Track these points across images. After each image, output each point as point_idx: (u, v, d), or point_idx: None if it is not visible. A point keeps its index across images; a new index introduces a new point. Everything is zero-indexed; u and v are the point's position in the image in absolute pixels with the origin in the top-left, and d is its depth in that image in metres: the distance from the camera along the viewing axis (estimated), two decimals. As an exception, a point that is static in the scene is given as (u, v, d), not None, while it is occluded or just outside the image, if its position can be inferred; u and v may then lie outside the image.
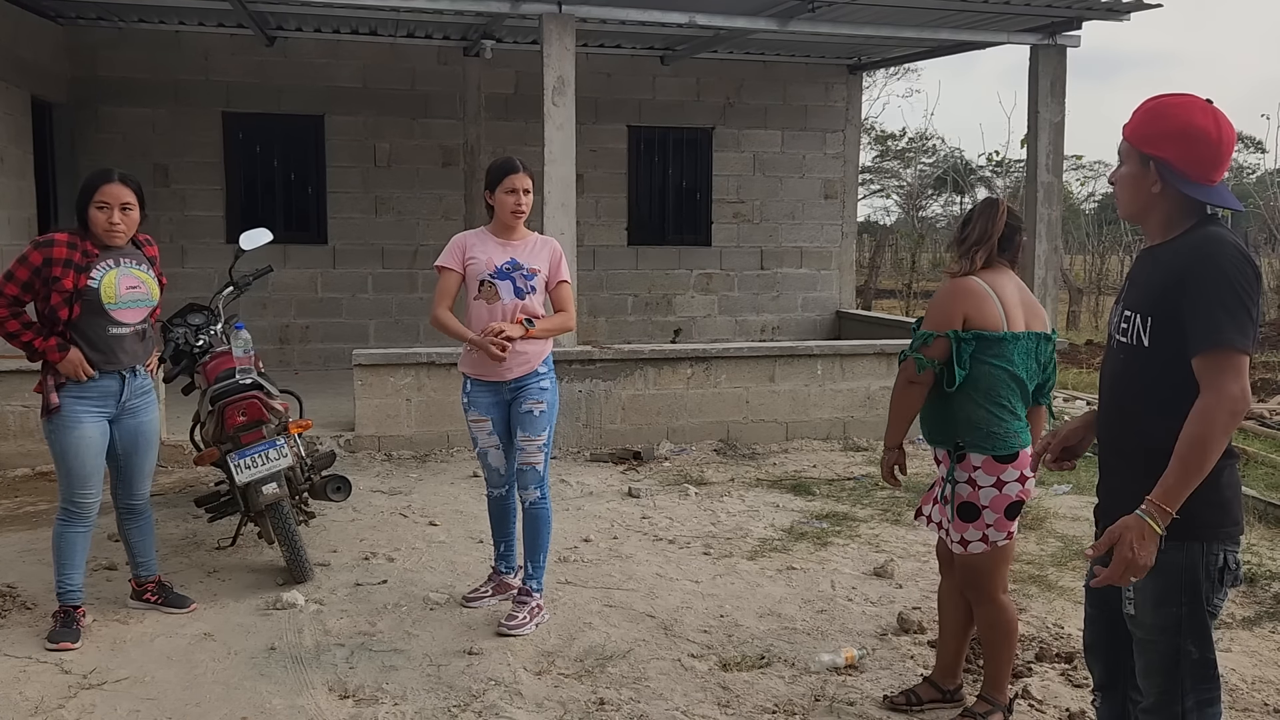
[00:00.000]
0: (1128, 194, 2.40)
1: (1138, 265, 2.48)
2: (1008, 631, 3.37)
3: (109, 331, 3.95)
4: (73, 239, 3.90)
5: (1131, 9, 8.13)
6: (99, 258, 3.92)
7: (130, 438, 4.12)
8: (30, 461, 6.69)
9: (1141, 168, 2.35)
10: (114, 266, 3.95)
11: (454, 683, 3.69)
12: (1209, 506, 2.31)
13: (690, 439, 7.67)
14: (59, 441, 3.95)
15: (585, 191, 10.31)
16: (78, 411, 3.94)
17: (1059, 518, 5.90)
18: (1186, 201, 2.33)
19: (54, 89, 9.21)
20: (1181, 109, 2.33)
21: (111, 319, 3.94)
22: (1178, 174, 2.31)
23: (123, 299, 3.95)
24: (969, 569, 3.33)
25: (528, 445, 4.21)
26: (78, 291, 3.86)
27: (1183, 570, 2.32)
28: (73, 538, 4.05)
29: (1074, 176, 23.24)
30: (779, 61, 11.16)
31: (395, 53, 10.15)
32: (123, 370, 4.03)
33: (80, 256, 3.87)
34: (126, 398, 4.07)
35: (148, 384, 4.18)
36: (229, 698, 3.56)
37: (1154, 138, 2.33)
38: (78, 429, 3.94)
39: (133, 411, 4.11)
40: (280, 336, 10.14)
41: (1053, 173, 8.60)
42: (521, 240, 4.28)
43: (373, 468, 6.86)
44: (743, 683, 3.73)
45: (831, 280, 11.80)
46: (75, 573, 4.07)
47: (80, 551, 4.08)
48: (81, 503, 4.02)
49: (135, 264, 4.03)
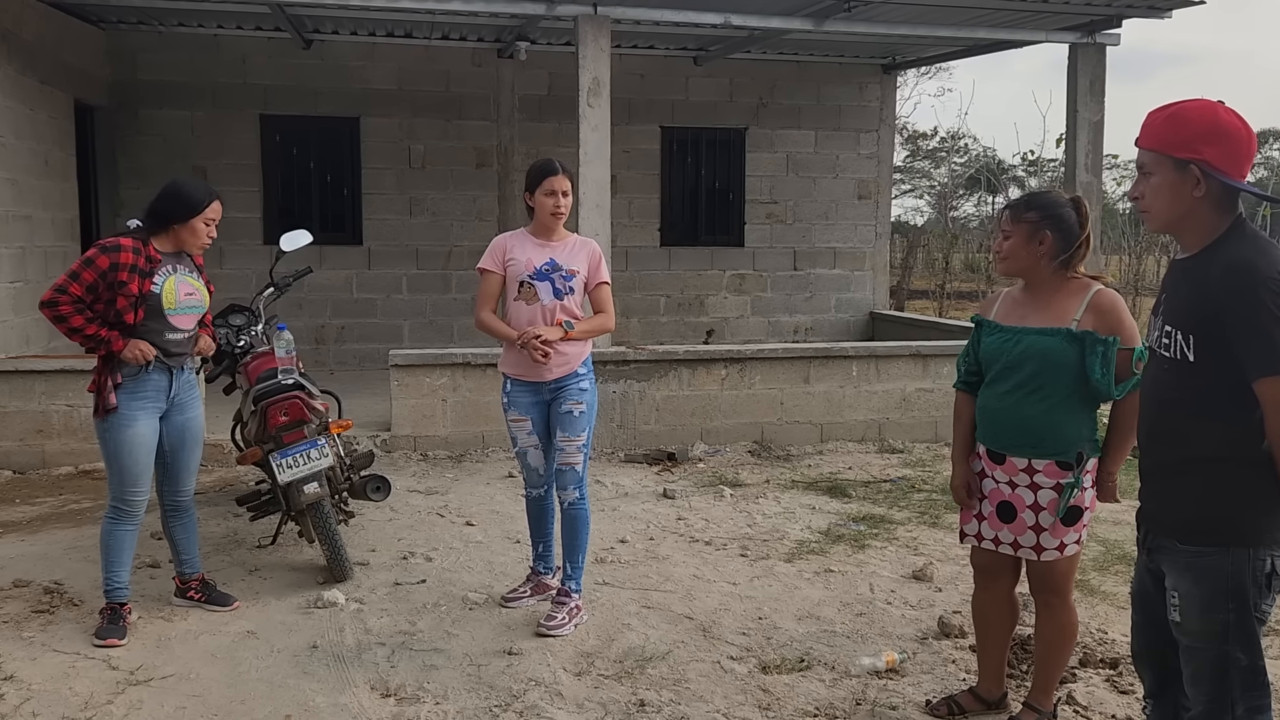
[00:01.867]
0: (1165, 203, 2.36)
1: (1172, 277, 2.45)
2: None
3: (165, 336, 4.05)
4: (136, 244, 3.99)
5: (1173, 6, 8.02)
6: (160, 264, 4.03)
7: (178, 434, 4.19)
8: (74, 460, 6.79)
9: (1179, 174, 2.32)
10: (172, 273, 4.07)
11: (494, 683, 3.70)
12: (1255, 512, 2.29)
13: (724, 440, 7.65)
14: (113, 440, 4.01)
15: (618, 192, 10.31)
16: (133, 410, 4.01)
17: (1100, 521, 5.82)
18: (1223, 204, 2.32)
19: (96, 92, 9.34)
20: (1205, 110, 2.33)
21: (169, 324, 4.05)
22: (1219, 173, 2.29)
23: (181, 305, 4.07)
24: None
25: (567, 446, 4.22)
26: (142, 296, 3.96)
27: (1229, 576, 2.30)
28: (121, 535, 4.11)
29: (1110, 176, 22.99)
30: (813, 61, 11.12)
31: (430, 55, 10.22)
32: (174, 367, 4.12)
33: (144, 262, 3.98)
34: (175, 393, 4.15)
35: (194, 380, 4.28)
36: (273, 695, 3.60)
37: (1189, 141, 2.31)
38: (132, 427, 4.01)
39: (181, 407, 4.19)
40: (316, 337, 10.23)
41: (1092, 172, 8.50)
42: (561, 241, 4.29)
43: (409, 468, 6.90)
44: (783, 685, 3.71)
45: (865, 281, 11.73)
46: (123, 570, 4.13)
47: (128, 549, 4.14)
48: (132, 500, 4.08)
49: (189, 271, 4.15)
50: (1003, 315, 3.29)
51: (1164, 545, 2.43)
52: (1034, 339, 3.14)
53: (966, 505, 3.38)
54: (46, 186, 8.07)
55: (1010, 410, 3.19)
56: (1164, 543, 2.43)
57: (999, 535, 3.28)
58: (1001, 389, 3.21)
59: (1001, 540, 3.28)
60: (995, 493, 3.27)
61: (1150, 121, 2.39)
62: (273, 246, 5.61)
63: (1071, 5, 7.87)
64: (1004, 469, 3.24)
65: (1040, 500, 3.18)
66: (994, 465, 3.27)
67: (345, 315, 10.38)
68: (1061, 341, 3.10)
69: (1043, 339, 3.13)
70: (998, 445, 3.25)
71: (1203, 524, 2.33)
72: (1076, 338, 3.08)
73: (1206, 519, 2.33)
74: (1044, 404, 3.13)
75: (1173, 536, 2.39)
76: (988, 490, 3.30)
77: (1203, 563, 2.32)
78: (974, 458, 3.36)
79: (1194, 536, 2.35)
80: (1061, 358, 3.09)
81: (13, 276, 7.39)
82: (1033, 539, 3.21)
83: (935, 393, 7.97)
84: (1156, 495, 2.45)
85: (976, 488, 3.34)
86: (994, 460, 3.27)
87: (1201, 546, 2.33)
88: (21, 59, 7.59)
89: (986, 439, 3.29)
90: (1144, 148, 2.39)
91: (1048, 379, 3.11)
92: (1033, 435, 3.16)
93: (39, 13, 7.99)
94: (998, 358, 3.23)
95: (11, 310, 7.38)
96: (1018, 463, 3.20)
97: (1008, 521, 3.25)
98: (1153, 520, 2.48)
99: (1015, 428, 3.19)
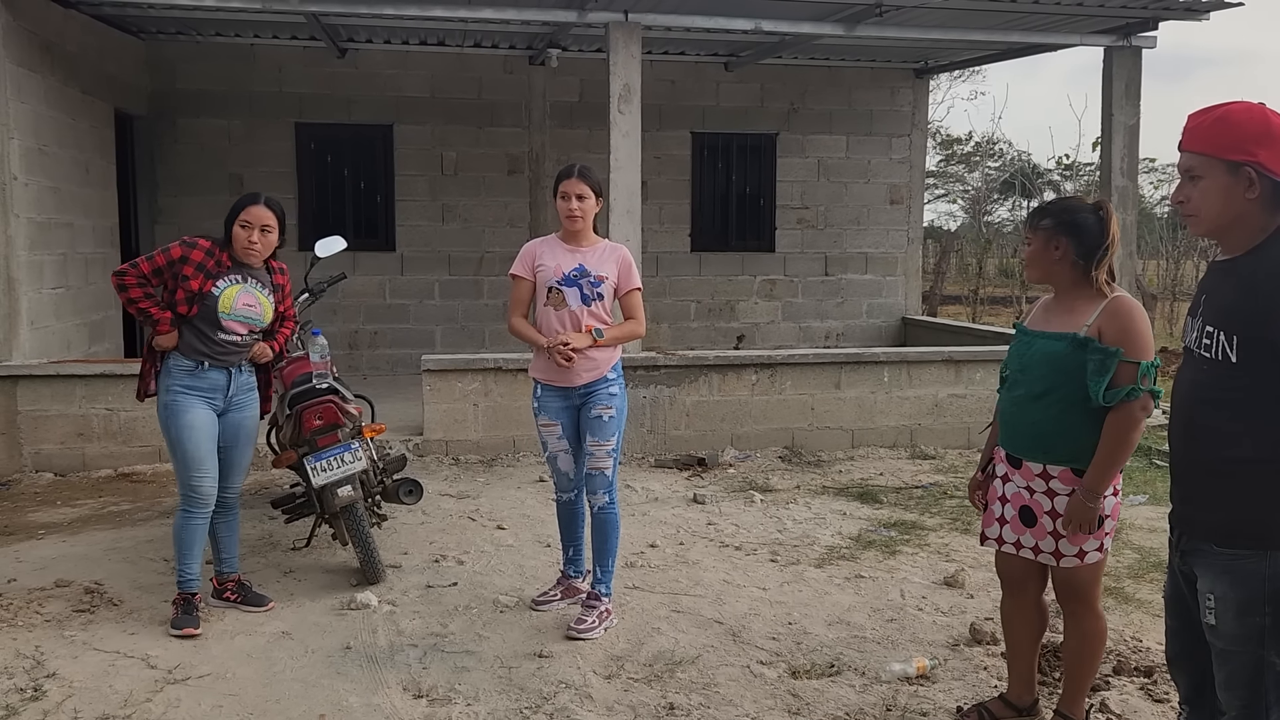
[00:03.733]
0: (1216, 206, 2.33)
1: (1214, 278, 2.42)
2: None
3: (216, 336, 4.22)
4: (213, 247, 4.23)
5: (1211, 8, 7.92)
6: (229, 270, 4.24)
7: (233, 431, 4.36)
8: (114, 463, 6.91)
9: (1231, 177, 2.30)
10: (239, 282, 4.25)
11: (525, 685, 3.73)
12: None
13: (755, 445, 7.64)
14: (173, 427, 4.20)
15: (649, 198, 10.33)
16: (190, 398, 4.21)
17: (1135, 529, 5.76)
18: (1272, 205, 2.30)
19: (135, 102, 9.51)
20: (1254, 112, 2.31)
21: (221, 326, 4.21)
22: (1272, 174, 2.28)
23: (236, 312, 4.23)
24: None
25: (597, 450, 4.25)
26: (200, 294, 4.16)
27: (1265, 580, 2.27)
28: (193, 528, 4.27)
29: (1147, 180, 22.69)
30: (844, 66, 11.09)
31: (462, 63, 10.30)
32: (230, 367, 4.29)
33: (214, 264, 4.20)
34: (234, 392, 4.33)
35: (252, 381, 4.44)
36: (307, 695, 3.65)
37: (1242, 143, 2.28)
38: (190, 413, 4.20)
39: (239, 406, 4.37)
40: (349, 342, 10.34)
41: (1128, 176, 8.42)
42: (590, 247, 4.32)
43: (440, 471, 6.95)
44: (813, 690, 3.71)
45: (897, 286, 11.67)
46: (194, 562, 4.28)
47: (199, 541, 4.30)
48: (199, 485, 4.22)
49: (259, 285, 4.32)
50: (1032, 321, 3.31)
51: (1199, 548, 2.39)
52: (1044, 344, 3.15)
53: (975, 504, 3.46)
54: (87, 194, 8.23)
55: (1020, 414, 3.20)
56: (1199, 545, 2.39)
57: (1020, 539, 3.28)
58: (1015, 393, 3.22)
59: (1023, 544, 3.27)
60: (1017, 496, 3.27)
61: (1196, 125, 2.35)
62: (308, 253, 5.67)
63: (1107, 8, 7.79)
64: (1021, 474, 3.24)
65: (1058, 507, 3.17)
66: (1013, 469, 3.28)
67: (378, 320, 10.48)
68: (1068, 347, 3.09)
69: (1051, 344, 3.13)
70: (1014, 449, 3.26)
71: (1241, 527, 2.30)
72: (1082, 343, 3.07)
73: (1245, 521, 2.29)
74: (1053, 409, 3.12)
75: (1209, 539, 2.36)
76: (1010, 494, 3.29)
77: (1240, 566, 2.29)
78: (996, 460, 3.38)
79: (1231, 539, 2.31)
80: (1068, 363, 3.08)
81: (54, 283, 7.53)
82: (1052, 544, 3.20)
83: (967, 398, 7.92)
84: (1192, 498, 2.42)
85: (984, 492, 3.41)
86: (1013, 464, 3.28)
87: (1239, 550, 2.30)
88: (64, 70, 7.74)
89: (1005, 442, 3.31)
90: (1192, 151, 2.35)
91: (1055, 384, 3.11)
92: (1043, 440, 3.16)
93: (81, 24, 8.15)
94: (1015, 362, 3.26)
95: (53, 316, 7.53)
96: (1033, 468, 3.20)
97: (1029, 525, 3.24)
98: (1188, 523, 2.44)
99: (1026, 432, 3.20)
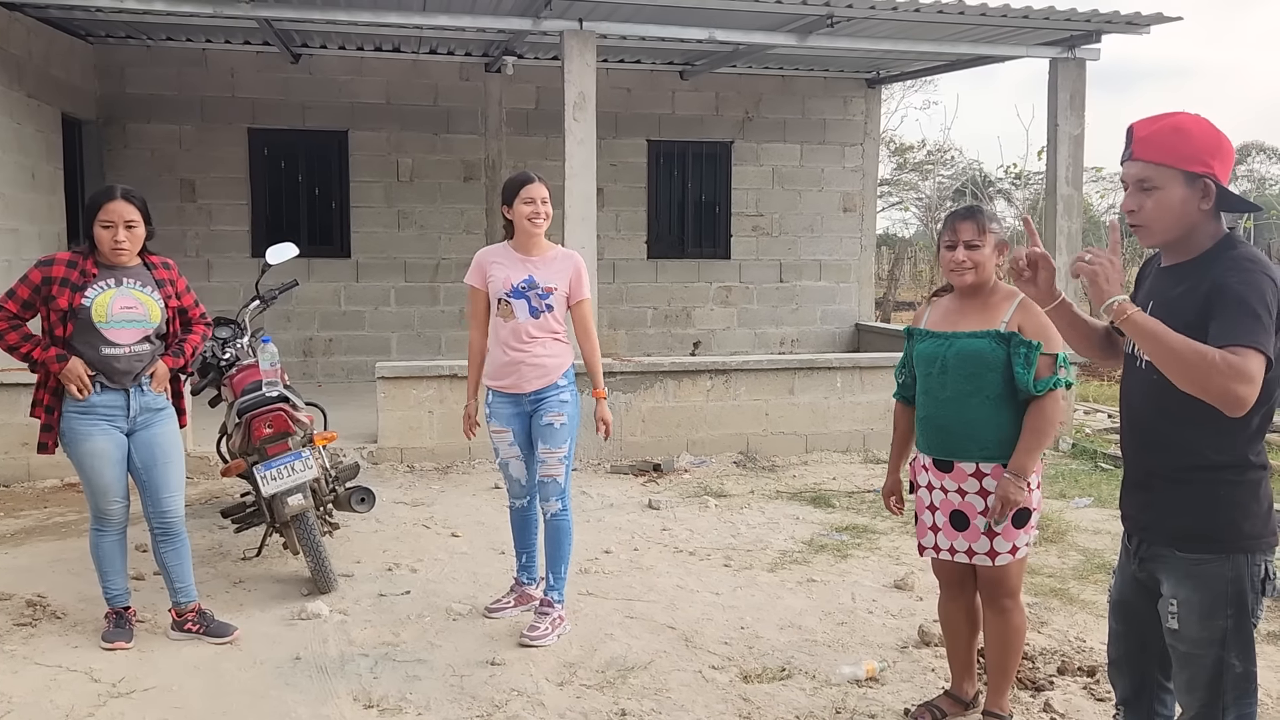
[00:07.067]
0: (1172, 217, 2.32)
1: (1160, 284, 2.42)
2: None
3: (101, 351, 3.92)
4: (74, 258, 3.93)
5: (1152, 22, 8.12)
6: (97, 277, 3.91)
7: (146, 451, 4.08)
8: (59, 473, 6.78)
9: (1188, 188, 2.29)
10: (112, 286, 3.93)
11: (477, 693, 3.72)
12: (1251, 517, 2.31)
13: (710, 451, 7.69)
14: (75, 454, 4.00)
15: (605, 205, 10.37)
16: (85, 426, 3.95)
17: (1080, 530, 5.88)
18: (1218, 214, 2.34)
19: (84, 106, 9.37)
20: (1203, 123, 2.33)
21: (104, 338, 3.91)
22: (1222, 186, 2.31)
23: (115, 318, 3.92)
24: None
25: (548, 457, 4.25)
26: (72, 310, 3.87)
27: (1229, 582, 2.31)
28: (107, 546, 4.13)
29: (1094, 189, 23.14)
30: (797, 76, 11.21)
31: (418, 69, 10.27)
32: (126, 387, 4.01)
33: (78, 275, 3.89)
34: (136, 412, 4.04)
35: (159, 400, 4.13)
36: (255, 706, 3.61)
37: (1200, 154, 2.29)
38: (88, 442, 3.96)
39: (147, 424, 4.08)
40: (304, 349, 10.25)
41: (1073, 185, 8.60)
42: (541, 255, 4.31)
43: (395, 479, 6.91)
44: (764, 694, 3.74)
45: (850, 293, 11.80)
46: (117, 577, 4.17)
47: (118, 558, 4.17)
48: (108, 510, 4.08)
49: (138, 285, 3.99)
50: (934, 323, 3.37)
51: (1160, 554, 2.40)
52: (965, 342, 3.23)
53: (893, 511, 3.59)
54: (33, 200, 8.09)
55: (952, 414, 3.24)
56: (1160, 551, 2.40)
57: (954, 544, 3.32)
58: (942, 395, 3.27)
59: (956, 549, 3.32)
60: (945, 503, 3.30)
61: (1150, 134, 2.33)
62: (260, 260, 5.62)
63: (1051, 21, 7.96)
64: (952, 476, 3.27)
65: (990, 506, 3.23)
66: (941, 474, 3.30)
67: (333, 328, 10.40)
68: (991, 342, 3.19)
69: (974, 341, 3.21)
70: (944, 453, 3.29)
71: (1203, 531, 2.32)
72: (1004, 338, 3.18)
73: (1207, 526, 2.32)
74: (986, 406, 3.20)
75: (1171, 545, 2.37)
76: (938, 501, 3.33)
77: (1203, 570, 2.32)
78: (915, 469, 3.42)
79: (1194, 544, 2.34)
80: (991, 358, 3.18)
81: (-1, 290, 7.38)
82: (986, 544, 3.26)
83: (919, 404, 8.01)
84: (1152, 505, 2.42)
85: (898, 498, 3.56)
86: (941, 469, 3.30)
87: (1202, 554, 2.33)
88: (9, 73, 7.61)
89: (932, 448, 3.33)
90: (1147, 160, 2.32)
91: (982, 380, 3.19)
92: (978, 438, 3.22)
93: (26, 26, 8.02)
94: (932, 363, 3.30)
95: (-3, 323, 7.37)
96: (965, 468, 3.25)
97: (961, 529, 3.29)
98: (1148, 530, 2.44)
99: (960, 432, 3.24)
